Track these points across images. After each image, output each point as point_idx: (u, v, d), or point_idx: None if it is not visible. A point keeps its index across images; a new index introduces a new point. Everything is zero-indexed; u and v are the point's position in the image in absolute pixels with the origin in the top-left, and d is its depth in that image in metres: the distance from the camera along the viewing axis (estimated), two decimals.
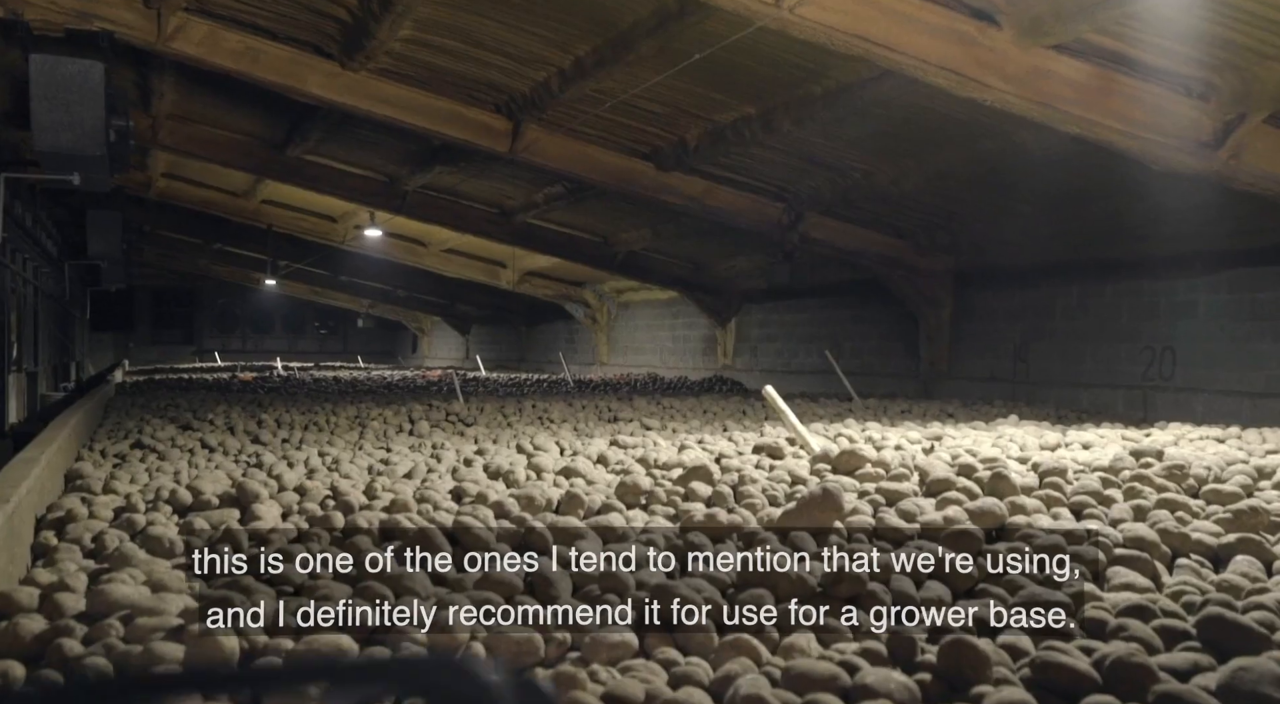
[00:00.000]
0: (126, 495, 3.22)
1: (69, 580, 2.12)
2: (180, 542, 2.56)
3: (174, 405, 8.02)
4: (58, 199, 15.91)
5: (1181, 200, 7.36)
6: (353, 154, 11.63)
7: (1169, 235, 7.80)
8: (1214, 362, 7.74)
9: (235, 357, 25.64)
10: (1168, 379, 8.22)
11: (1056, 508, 2.69)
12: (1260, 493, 2.80)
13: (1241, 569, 2.18)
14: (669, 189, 9.42)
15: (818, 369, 11.63)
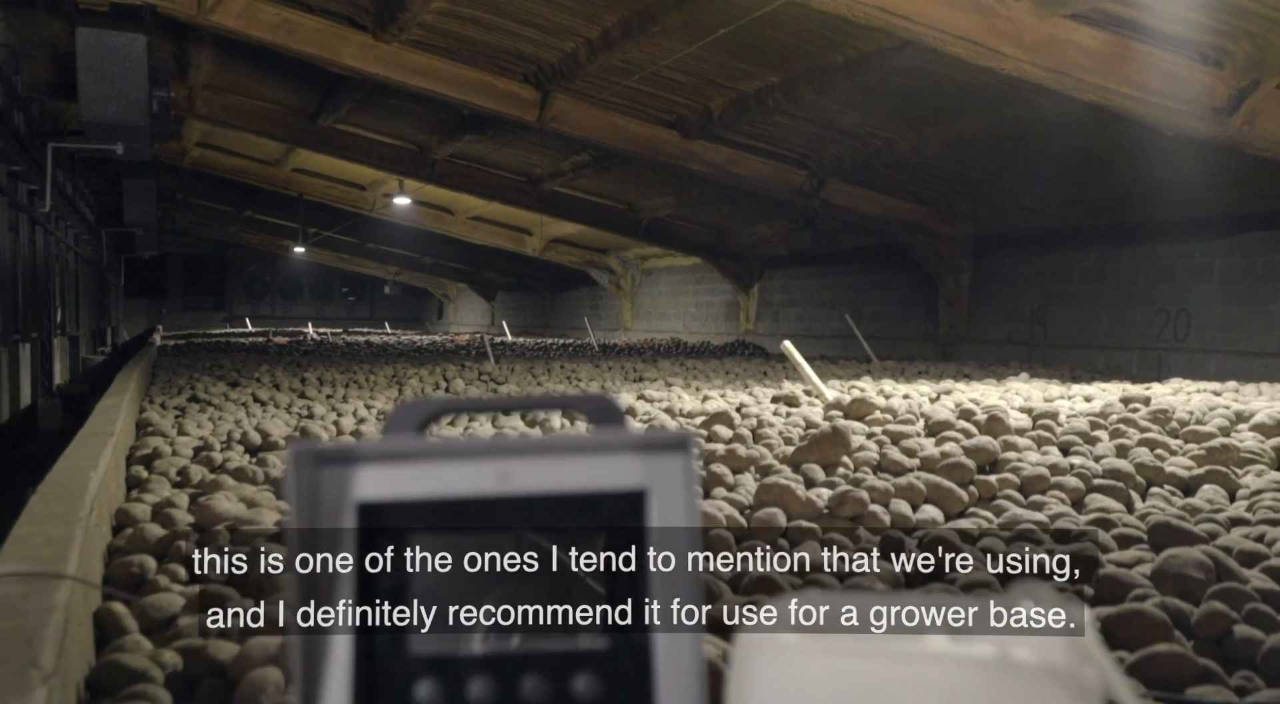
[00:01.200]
0: (201, 437, 3.55)
1: (174, 500, 2.45)
2: (260, 472, 2.88)
3: (218, 366, 8.39)
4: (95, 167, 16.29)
5: (1197, 165, 7.50)
6: (383, 123, 11.88)
7: (1184, 200, 7.94)
8: (1227, 324, 7.92)
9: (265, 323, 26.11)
10: (1182, 341, 8.40)
11: (1046, 446, 2.95)
12: (1236, 434, 3.05)
13: (1207, 496, 2.44)
14: (693, 157, 9.62)
15: (838, 333, 11.86)
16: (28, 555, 1.41)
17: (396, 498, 0.54)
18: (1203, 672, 1.25)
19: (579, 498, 0.54)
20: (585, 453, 0.54)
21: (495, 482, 0.54)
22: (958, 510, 2.41)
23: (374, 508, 0.54)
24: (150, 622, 1.72)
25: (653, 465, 0.54)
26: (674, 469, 0.55)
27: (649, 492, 0.54)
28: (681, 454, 0.55)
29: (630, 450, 0.54)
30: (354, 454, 0.54)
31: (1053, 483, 2.52)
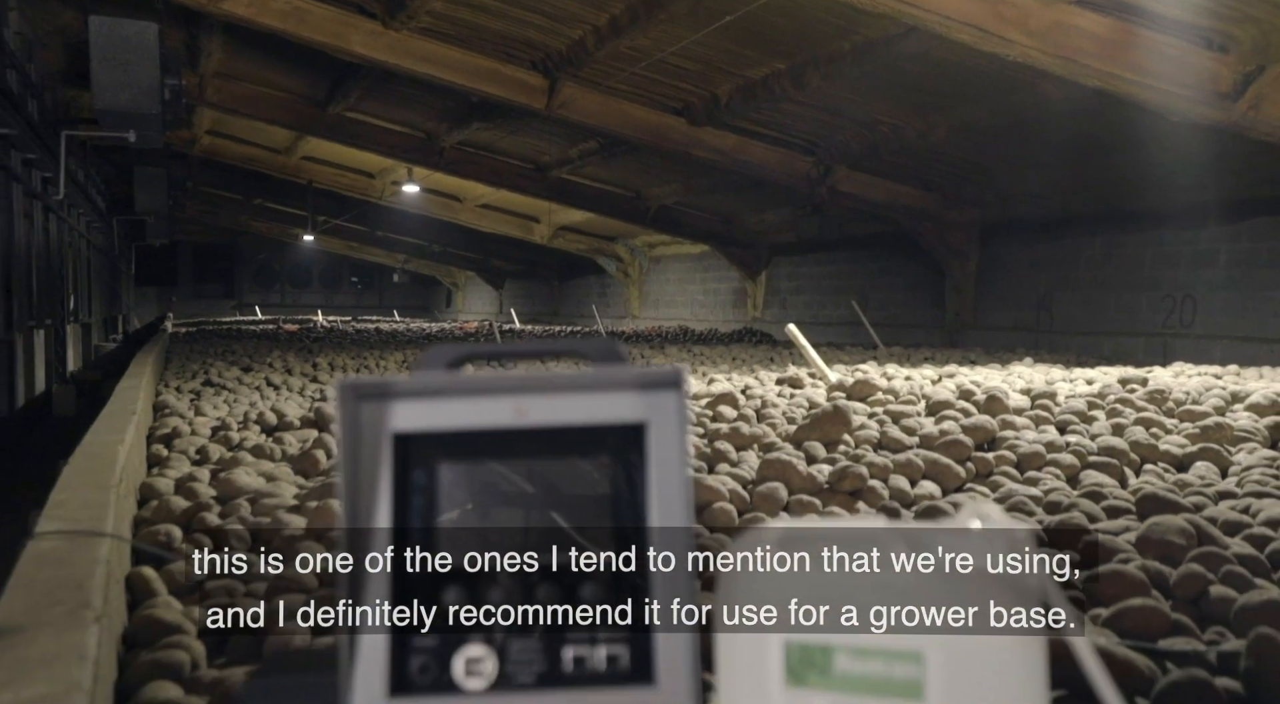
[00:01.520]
0: (219, 418, 3.63)
1: (196, 475, 2.53)
2: (278, 449, 2.97)
3: (230, 351, 8.49)
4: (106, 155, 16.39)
5: (1203, 151, 7.52)
6: (392, 111, 11.95)
7: (1191, 186, 7.96)
8: (1233, 309, 7.94)
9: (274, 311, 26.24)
10: (1188, 327, 8.42)
11: (1044, 425, 3.01)
12: (1231, 413, 3.10)
13: (1199, 473, 2.50)
14: (700, 144, 9.66)
15: (845, 321, 11.90)
16: (68, 517, 1.49)
17: (427, 429, 0.62)
18: (1174, 625, 1.32)
19: (586, 430, 0.62)
20: (590, 390, 0.62)
21: (512, 415, 0.62)
22: (955, 486, 2.48)
23: (407, 437, 0.62)
24: (177, 586, 1.80)
25: (651, 401, 0.62)
26: (669, 404, 0.62)
27: (648, 424, 0.62)
28: (675, 391, 0.62)
29: (630, 387, 0.62)
30: (390, 390, 0.61)
31: (1048, 460, 2.59)
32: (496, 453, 0.62)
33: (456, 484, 0.62)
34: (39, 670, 0.90)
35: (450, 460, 0.62)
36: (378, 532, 0.60)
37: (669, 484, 0.61)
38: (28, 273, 9.48)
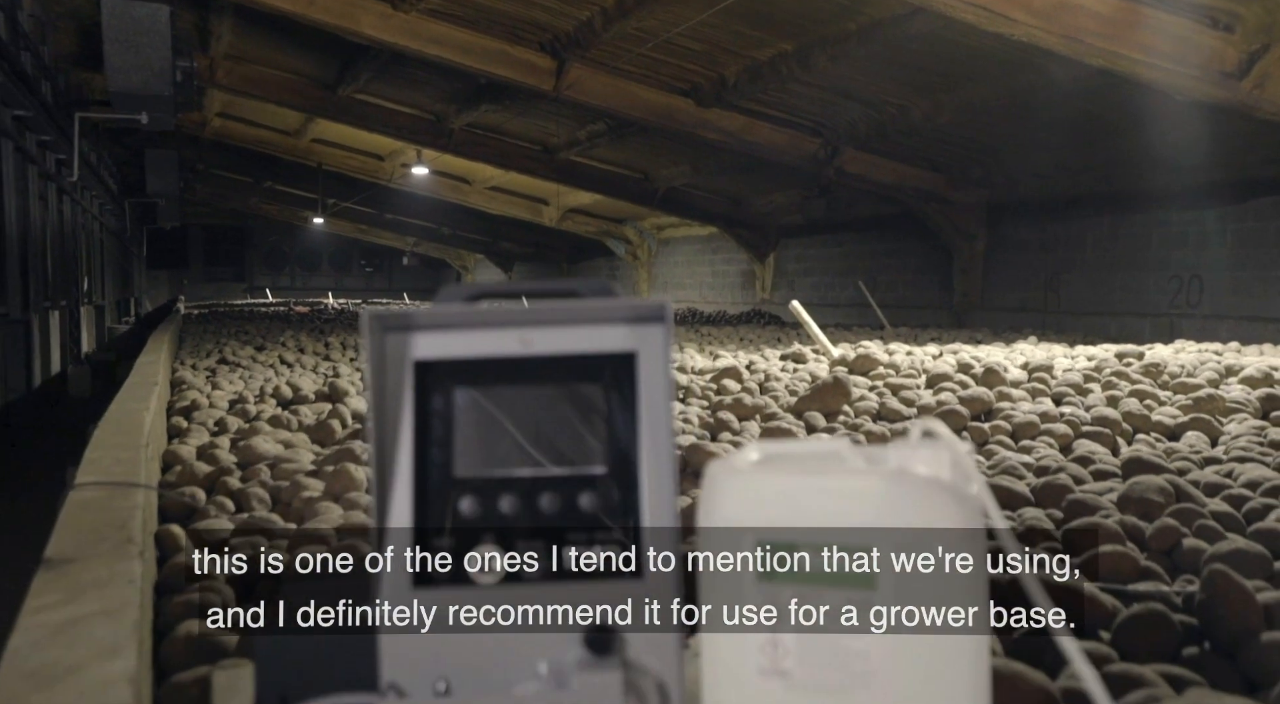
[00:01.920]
0: (236, 392, 3.73)
1: (217, 442, 2.63)
2: (295, 420, 3.06)
3: (243, 332, 8.60)
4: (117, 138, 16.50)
5: (1209, 131, 7.52)
6: (401, 93, 12.00)
7: (1197, 165, 7.96)
8: (1240, 289, 7.96)
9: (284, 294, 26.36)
10: (1194, 307, 8.44)
11: (1040, 397, 3.08)
12: (1225, 386, 3.17)
13: (1189, 442, 2.57)
14: (708, 125, 9.69)
15: (853, 302, 11.93)
16: (103, 471, 1.58)
17: (443, 357, 0.70)
18: (1144, 571, 1.40)
19: (583, 358, 0.70)
20: (587, 323, 0.70)
21: (518, 345, 0.70)
22: None
23: (426, 365, 0.70)
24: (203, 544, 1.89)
25: (640, 333, 0.70)
26: (656, 335, 0.71)
27: (638, 353, 0.70)
28: (661, 323, 0.70)
29: (622, 320, 0.70)
30: (412, 322, 0.70)
31: (1042, 430, 2.66)
32: (505, 378, 0.70)
33: (470, 406, 0.70)
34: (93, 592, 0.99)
35: (464, 385, 0.70)
36: (402, 447, 0.69)
37: (656, 405, 0.69)
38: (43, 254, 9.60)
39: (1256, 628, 1.08)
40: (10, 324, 7.88)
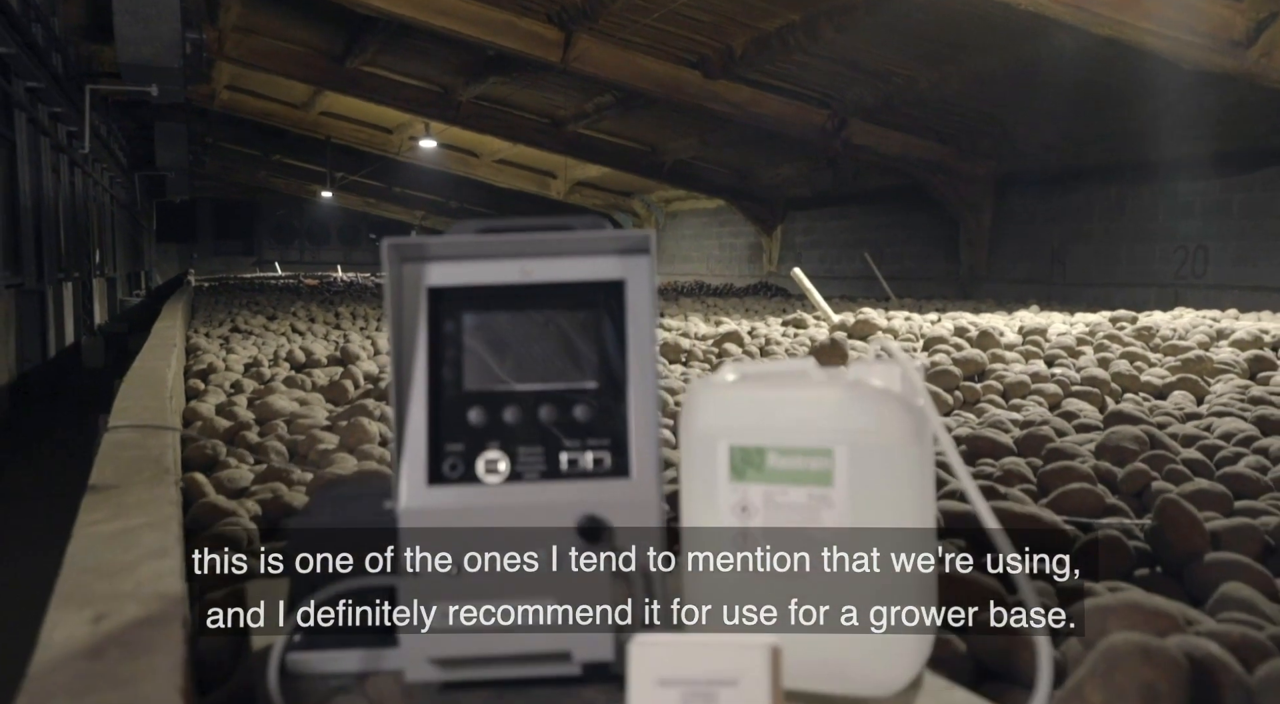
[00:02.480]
0: (250, 356, 3.83)
1: (235, 400, 2.73)
2: (309, 380, 3.16)
3: (254, 303, 8.71)
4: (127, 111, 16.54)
5: (1216, 100, 7.53)
6: (409, 65, 12.02)
7: (1204, 136, 7.96)
8: (1245, 259, 7.98)
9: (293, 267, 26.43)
10: (1199, 277, 8.47)
11: (1033, 360, 3.16)
12: (1215, 349, 3.24)
13: (1175, 401, 2.65)
14: (716, 97, 9.70)
15: (860, 274, 11.97)
16: (133, 417, 1.68)
17: (454, 284, 0.79)
18: (1110, 508, 1.49)
19: (577, 285, 0.79)
20: (580, 254, 0.79)
21: (520, 274, 0.79)
22: (943, 412, 2.64)
23: (439, 291, 0.79)
24: (225, 492, 1.99)
25: (627, 263, 0.79)
26: (642, 265, 0.80)
27: (626, 281, 0.79)
28: (646, 254, 0.79)
29: (612, 253, 0.79)
30: (425, 253, 0.79)
31: (1033, 389, 2.74)
32: (508, 304, 0.79)
33: (477, 328, 0.79)
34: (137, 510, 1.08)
35: (472, 310, 0.79)
36: (418, 365, 0.78)
37: (641, 328, 0.78)
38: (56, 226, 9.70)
39: (1202, 550, 1.17)
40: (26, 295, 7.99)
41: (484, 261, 0.79)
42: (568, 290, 0.79)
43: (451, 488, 0.76)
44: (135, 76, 8.89)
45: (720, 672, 0.64)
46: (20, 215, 7.93)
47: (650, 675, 0.65)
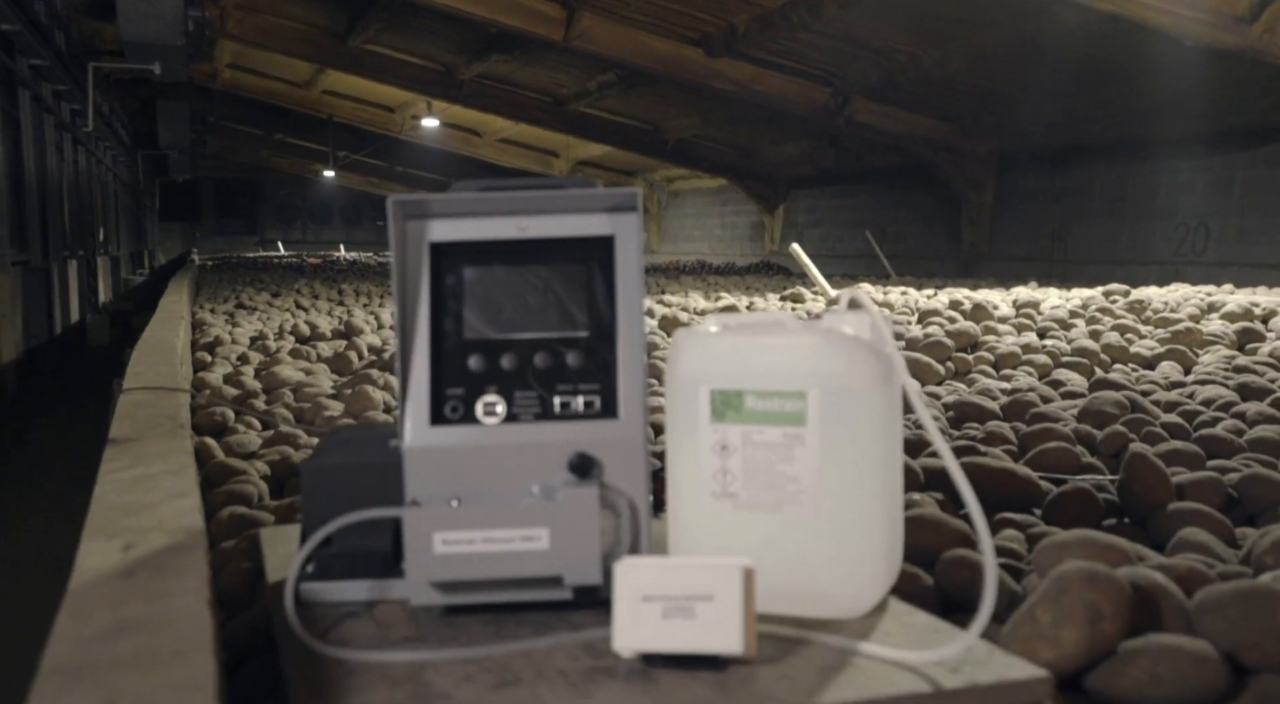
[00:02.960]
0: (256, 330, 3.89)
1: (242, 370, 2.79)
2: (314, 352, 3.22)
3: (258, 280, 8.76)
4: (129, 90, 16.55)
5: (1219, 77, 7.52)
6: (412, 43, 12.01)
7: (1206, 112, 7.95)
8: (1246, 236, 8.00)
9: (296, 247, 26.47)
10: (1200, 254, 8.49)
11: (1026, 332, 3.21)
12: (1206, 321, 3.29)
13: (1164, 371, 2.70)
14: (718, 75, 9.70)
15: (862, 253, 11.99)
16: (147, 381, 1.74)
17: (455, 240, 0.85)
18: (1086, 466, 1.54)
19: (570, 240, 0.85)
20: (572, 212, 0.85)
21: (515, 230, 0.85)
22: (935, 382, 2.70)
23: (440, 246, 0.85)
24: (235, 455, 2.06)
25: (616, 220, 0.85)
26: (630, 222, 0.85)
27: (615, 236, 0.85)
28: (634, 211, 0.85)
29: (602, 210, 0.85)
30: (428, 210, 0.84)
31: (1024, 360, 2.79)
32: (505, 258, 0.85)
33: (476, 281, 0.85)
34: (156, 459, 1.14)
35: (471, 264, 0.85)
36: (421, 316, 0.84)
37: (630, 280, 0.84)
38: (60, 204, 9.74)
39: (1167, 502, 1.23)
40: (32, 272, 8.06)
41: (482, 218, 0.85)
42: (561, 245, 0.85)
43: (452, 428, 0.82)
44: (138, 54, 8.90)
45: (698, 589, 0.70)
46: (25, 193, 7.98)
47: (634, 593, 0.71)
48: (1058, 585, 0.77)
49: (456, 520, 0.77)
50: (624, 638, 0.71)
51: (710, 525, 0.82)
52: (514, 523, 0.77)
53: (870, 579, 0.80)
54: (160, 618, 0.64)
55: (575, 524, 0.77)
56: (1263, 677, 0.76)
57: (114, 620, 0.64)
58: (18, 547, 3.37)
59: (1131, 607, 0.77)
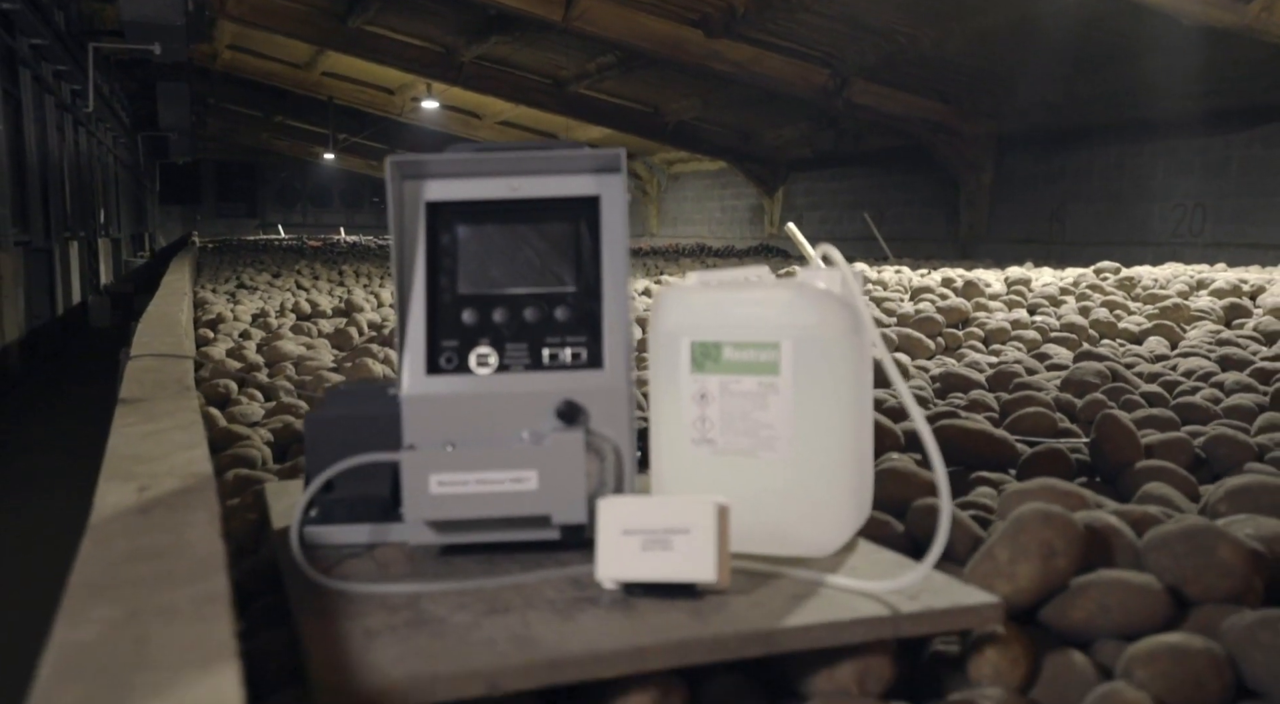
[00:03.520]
0: (258, 308, 3.94)
1: (244, 345, 2.84)
2: (315, 328, 3.27)
3: (258, 261, 8.80)
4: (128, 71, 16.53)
5: (1218, 57, 7.53)
6: (411, 24, 11.99)
7: (1204, 93, 7.96)
8: (1242, 216, 8.03)
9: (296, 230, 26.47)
10: (1197, 235, 8.52)
11: (1016, 308, 3.26)
12: (1195, 298, 3.33)
13: (1150, 346, 2.75)
14: (717, 56, 9.70)
15: (861, 236, 12.01)
16: (154, 349, 1.79)
17: (449, 199, 0.89)
18: (1063, 430, 1.59)
19: (558, 200, 0.89)
20: (561, 173, 0.89)
21: (507, 190, 0.90)
22: (925, 356, 2.75)
23: (435, 205, 0.89)
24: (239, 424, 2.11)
25: (602, 180, 0.90)
26: (615, 183, 0.90)
27: (600, 196, 0.90)
28: (618, 173, 0.90)
29: (588, 171, 0.89)
30: (424, 170, 0.89)
31: (1013, 335, 2.84)
32: (497, 217, 0.90)
33: (470, 239, 0.90)
34: (166, 416, 1.20)
35: (465, 222, 0.89)
36: (417, 272, 0.89)
37: (615, 238, 0.89)
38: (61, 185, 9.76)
39: (1136, 460, 1.28)
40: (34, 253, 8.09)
41: (476, 179, 0.89)
42: (550, 205, 0.89)
43: (448, 377, 0.87)
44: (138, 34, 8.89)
45: (675, 522, 0.75)
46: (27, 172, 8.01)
47: (615, 526, 0.76)
48: (1015, 525, 0.82)
49: (451, 463, 0.82)
50: (606, 568, 0.77)
51: (690, 470, 0.87)
52: (505, 465, 0.82)
53: (840, 520, 0.86)
54: (176, 545, 0.70)
55: (562, 466, 0.82)
56: (1204, 608, 0.81)
57: (133, 548, 0.69)
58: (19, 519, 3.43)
59: (1084, 545, 0.82)
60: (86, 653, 0.51)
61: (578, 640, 0.69)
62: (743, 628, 0.71)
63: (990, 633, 0.77)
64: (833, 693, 0.72)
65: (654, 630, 0.71)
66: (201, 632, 0.53)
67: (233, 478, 1.51)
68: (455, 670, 0.65)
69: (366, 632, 0.71)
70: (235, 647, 0.52)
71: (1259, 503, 1.01)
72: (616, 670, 0.67)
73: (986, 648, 0.76)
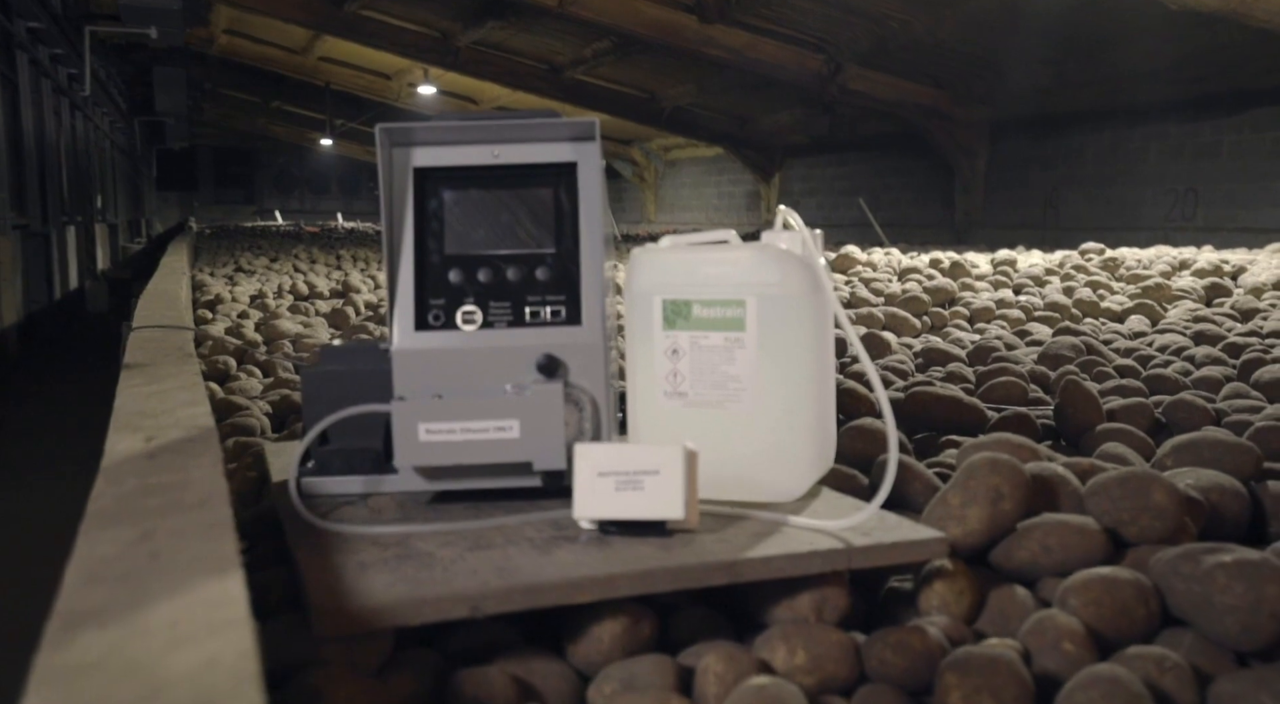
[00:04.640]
0: (256, 289, 3.99)
1: (243, 324, 2.89)
2: (312, 308, 3.33)
3: (255, 246, 8.83)
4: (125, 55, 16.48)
5: (1206, 41, 7.57)
6: (407, 9, 11.99)
7: (1196, 77, 8.00)
8: (1234, 201, 8.09)
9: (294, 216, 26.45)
10: (1189, 219, 8.57)
11: (1002, 288, 3.31)
12: (1177, 277, 3.39)
13: (1131, 324, 2.81)
14: (712, 41, 9.72)
15: (856, 222, 12.05)
16: (155, 321, 1.84)
17: (436, 165, 0.95)
18: (1034, 399, 1.65)
19: (538, 166, 0.95)
20: (540, 141, 0.95)
21: (490, 157, 0.95)
22: (911, 334, 2.80)
23: (423, 171, 0.95)
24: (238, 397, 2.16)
25: (579, 148, 0.95)
26: (592, 150, 0.96)
27: (578, 163, 0.95)
28: (594, 141, 0.95)
29: (566, 139, 0.95)
30: (412, 138, 0.94)
31: (998, 314, 2.90)
32: (481, 182, 0.95)
33: (455, 203, 0.95)
34: (169, 379, 1.25)
35: (451, 187, 0.95)
36: (406, 234, 0.94)
37: (591, 202, 0.95)
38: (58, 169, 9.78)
39: (1097, 423, 1.34)
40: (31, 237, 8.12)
41: (461, 146, 0.95)
42: (530, 171, 0.95)
43: (435, 333, 0.93)
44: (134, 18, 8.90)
45: (646, 465, 0.81)
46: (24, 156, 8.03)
47: (590, 469, 0.82)
48: (966, 472, 0.88)
49: (438, 412, 0.88)
50: (582, 508, 0.82)
51: (663, 422, 0.93)
52: (489, 415, 0.88)
53: (803, 467, 0.91)
54: (183, 482, 0.75)
55: (542, 416, 0.88)
56: (1140, 548, 0.87)
57: (143, 485, 0.75)
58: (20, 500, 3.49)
59: (1029, 490, 0.88)
60: (107, 564, 0.56)
61: (554, 570, 0.75)
62: (707, 559, 0.77)
63: (938, 568, 0.82)
64: (792, 620, 0.78)
65: (625, 561, 0.76)
66: (209, 547, 0.59)
67: (233, 444, 1.56)
68: (440, 594, 0.71)
69: (360, 564, 0.77)
70: (239, 560, 0.57)
71: (1201, 456, 1.07)
72: (589, 596, 0.73)
73: (934, 581, 0.82)
